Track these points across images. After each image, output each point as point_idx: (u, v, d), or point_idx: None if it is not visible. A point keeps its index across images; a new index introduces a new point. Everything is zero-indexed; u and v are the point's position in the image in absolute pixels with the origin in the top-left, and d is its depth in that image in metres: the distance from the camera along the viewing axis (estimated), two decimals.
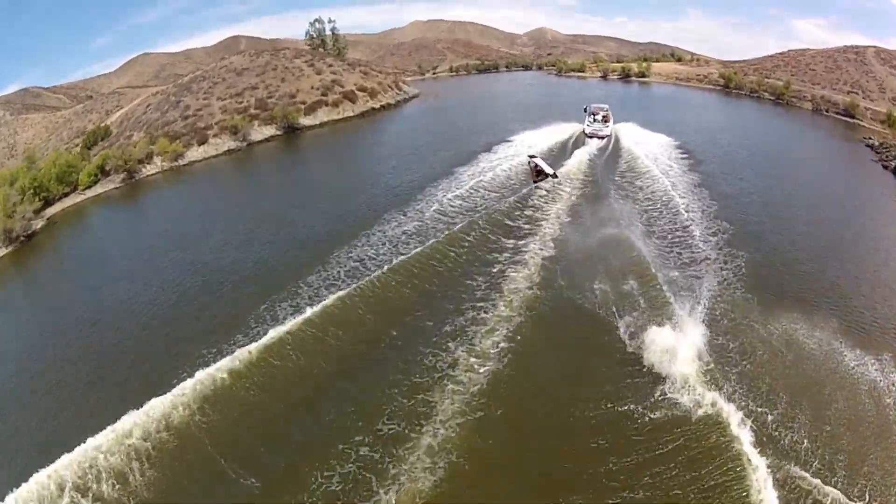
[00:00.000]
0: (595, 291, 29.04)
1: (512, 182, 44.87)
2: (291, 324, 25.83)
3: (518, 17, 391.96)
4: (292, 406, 22.41)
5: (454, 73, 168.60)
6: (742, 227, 37.48)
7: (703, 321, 26.43)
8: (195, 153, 71.52)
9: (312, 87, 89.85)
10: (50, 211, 55.65)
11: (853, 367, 24.26)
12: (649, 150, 54.65)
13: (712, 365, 23.67)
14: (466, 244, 33.71)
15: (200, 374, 22.59)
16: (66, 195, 59.88)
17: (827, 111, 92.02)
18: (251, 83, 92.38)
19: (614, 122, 61.91)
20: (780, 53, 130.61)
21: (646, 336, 24.85)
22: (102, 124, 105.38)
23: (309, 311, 26.76)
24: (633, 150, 54.38)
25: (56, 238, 48.31)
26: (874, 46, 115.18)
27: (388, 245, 34.17)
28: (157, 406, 21.11)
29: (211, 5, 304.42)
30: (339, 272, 31.03)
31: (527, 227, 36.73)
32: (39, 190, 55.98)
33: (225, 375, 22.78)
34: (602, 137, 56.98)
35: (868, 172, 57.38)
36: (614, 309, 27.55)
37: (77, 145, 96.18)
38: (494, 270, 31.19)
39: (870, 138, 71.34)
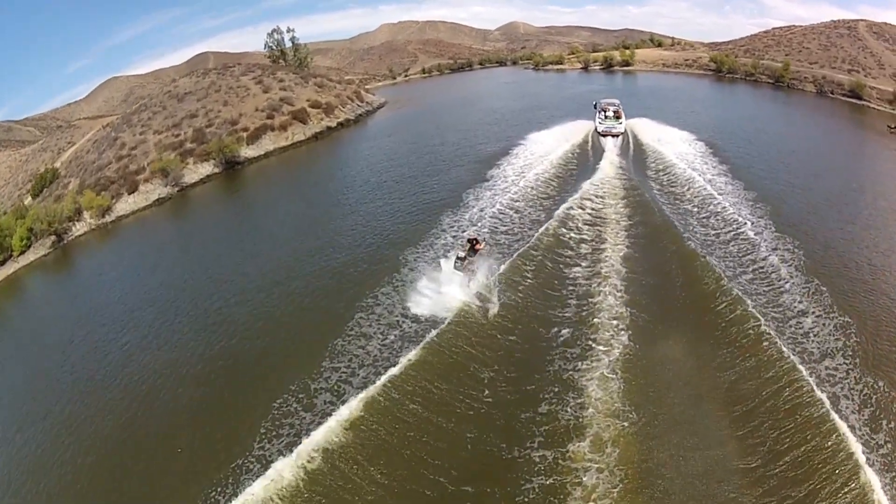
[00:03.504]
0: None
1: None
2: None
3: (489, 12, 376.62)
4: None
5: (427, 75, 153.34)
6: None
7: None
8: (124, 205, 57.24)
9: (257, 109, 74.70)
10: None
11: None
12: (677, 151, 44.83)
13: None
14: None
15: None
16: (3, 263, 49.57)
17: (832, 93, 78.53)
18: (191, 110, 77.50)
19: (626, 118, 54.48)
20: (764, 32, 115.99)
21: None
22: (51, 166, 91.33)
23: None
24: (664, 154, 44.08)
25: None
26: (864, 20, 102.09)
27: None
28: None
29: (183, 22, 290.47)
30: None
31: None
32: None
33: None
34: (616, 135, 50.68)
35: None
36: None
37: (29, 191, 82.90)
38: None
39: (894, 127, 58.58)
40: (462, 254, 26.10)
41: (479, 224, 31.65)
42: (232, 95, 79.53)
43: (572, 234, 28.65)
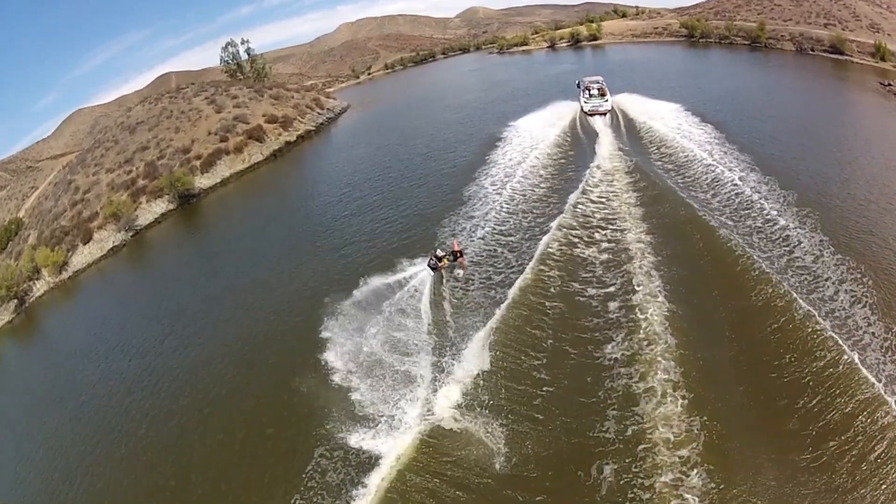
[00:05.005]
0: None
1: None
2: None
3: (447, 0, 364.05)
4: None
5: (390, 70, 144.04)
6: None
7: None
8: (80, 258, 49.94)
9: (210, 133, 66.24)
10: None
11: None
12: (695, 140, 36.40)
13: None
14: None
15: None
16: None
17: (812, 50, 70.77)
18: (142, 142, 69.10)
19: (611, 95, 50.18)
20: None
21: None
22: (15, 216, 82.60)
23: None
24: (674, 142, 36.58)
25: None
26: None
27: None
28: None
29: (144, 45, 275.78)
30: None
31: None
32: None
33: None
34: (603, 113, 47.30)
35: None
36: None
37: None
38: None
39: (889, 84, 51.04)
40: (441, 253, 24.12)
41: (465, 276, 24.22)
42: (184, 120, 71.02)
43: (593, 291, 20.73)
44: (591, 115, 46.95)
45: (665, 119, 41.45)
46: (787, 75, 61.78)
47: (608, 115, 46.64)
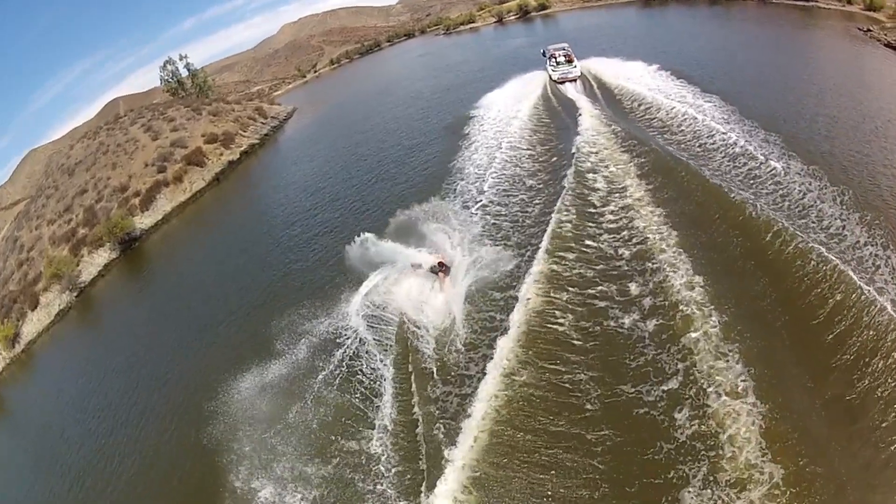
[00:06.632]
0: None
1: None
2: None
3: None
4: None
5: (336, 65, 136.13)
6: None
7: None
8: (30, 327, 43.95)
9: (146, 164, 59.49)
10: None
11: None
12: (685, 100, 32.10)
13: None
14: None
15: None
16: None
17: None
18: (81, 184, 62.68)
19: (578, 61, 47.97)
20: None
21: None
22: None
23: None
24: (666, 108, 31.85)
25: None
26: None
27: None
28: None
29: (91, 73, 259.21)
30: None
31: None
32: None
33: None
34: (574, 79, 45.30)
35: None
36: None
37: None
38: None
39: (869, 29, 45.33)
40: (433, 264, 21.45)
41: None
42: (120, 154, 64.23)
43: (653, 394, 13.73)
44: (560, 82, 45.04)
45: (665, 91, 35.12)
46: (761, 28, 55.07)
47: (579, 82, 44.40)
